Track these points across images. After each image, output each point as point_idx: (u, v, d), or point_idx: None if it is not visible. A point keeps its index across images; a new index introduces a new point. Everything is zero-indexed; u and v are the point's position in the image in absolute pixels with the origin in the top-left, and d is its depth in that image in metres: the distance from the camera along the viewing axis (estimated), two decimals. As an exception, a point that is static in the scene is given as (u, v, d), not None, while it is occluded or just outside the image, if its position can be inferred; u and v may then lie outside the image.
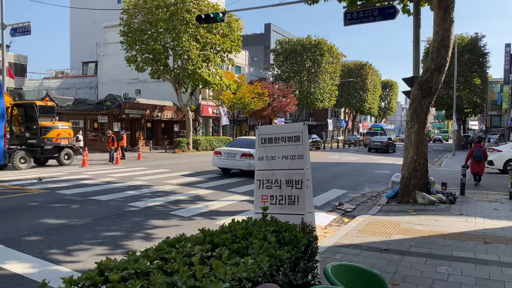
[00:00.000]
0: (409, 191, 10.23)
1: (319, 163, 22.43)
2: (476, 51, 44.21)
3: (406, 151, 10.46)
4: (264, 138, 4.30)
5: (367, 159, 26.87)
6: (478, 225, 7.67)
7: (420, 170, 10.23)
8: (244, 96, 35.21)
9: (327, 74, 49.25)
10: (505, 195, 11.43)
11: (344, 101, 63.56)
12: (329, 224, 8.42)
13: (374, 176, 16.36)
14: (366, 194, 12.09)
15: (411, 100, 10.41)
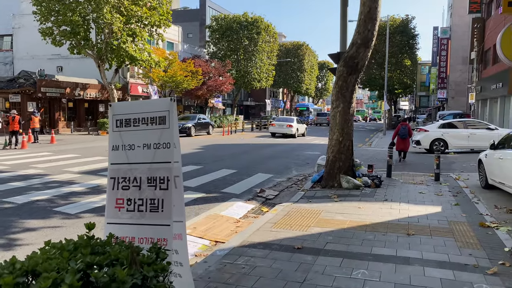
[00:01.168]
0: (334, 175, 9.59)
1: (251, 145, 21.59)
2: (406, 32, 45.39)
3: (331, 132, 9.76)
4: (120, 120, 3.14)
5: (301, 140, 26.49)
6: (402, 212, 7.10)
7: (345, 152, 9.59)
8: (176, 74, 33.39)
9: (264, 53, 48.37)
10: (431, 176, 11.20)
11: (282, 81, 63.31)
12: (245, 215, 7.49)
13: (304, 158, 15.77)
14: (292, 178, 11.35)
15: (336, 77, 9.67)
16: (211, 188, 9.40)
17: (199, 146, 19.53)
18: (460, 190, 9.19)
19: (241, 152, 17.29)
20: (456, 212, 7.09)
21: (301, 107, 63.52)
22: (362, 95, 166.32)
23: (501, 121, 22.18)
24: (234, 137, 27.97)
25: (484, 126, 17.34)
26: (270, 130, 28.61)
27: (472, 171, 12.36)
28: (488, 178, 8.85)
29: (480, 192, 8.97)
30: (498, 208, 7.40)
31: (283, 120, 29.26)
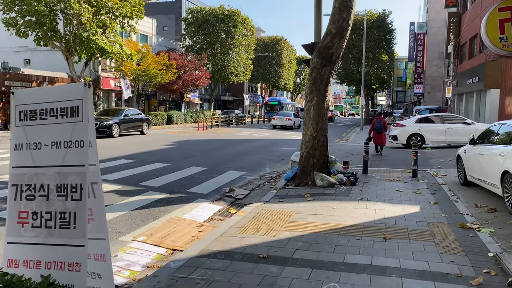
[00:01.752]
0: (308, 172, 9.07)
1: (225, 140, 20.96)
2: (383, 27, 45.37)
3: (305, 127, 9.23)
4: (24, 111, 2.47)
5: (278, 135, 26.01)
6: (378, 212, 6.62)
7: (320, 148, 9.08)
8: (150, 67, 32.37)
9: (242, 47, 47.63)
10: (408, 173, 10.84)
11: (261, 76, 62.77)
12: (210, 218, 6.88)
13: (280, 154, 15.24)
14: (265, 176, 10.78)
15: (310, 69, 9.13)
16: (176, 188, 8.74)
17: (171, 142, 18.78)
18: (439, 187, 8.81)
19: (214, 148, 16.64)
20: (435, 212, 6.65)
21: (272, 102, 56.64)
22: (340, 91, 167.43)
23: (477, 116, 22.18)
24: (209, 132, 27.26)
25: (461, 120, 17.17)
26: (272, 123, 34.56)
27: (450, 167, 12.07)
28: (467, 175, 8.49)
29: (459, 189, 8.60)
30: (478, 206, 7.01)
31: (282, 114, 36.27)
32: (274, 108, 52.84)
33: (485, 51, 20.58)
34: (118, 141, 18.96)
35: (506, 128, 7.04)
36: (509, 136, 6.73)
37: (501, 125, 7.27)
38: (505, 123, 7.17)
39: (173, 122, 35.74)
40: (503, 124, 7.20)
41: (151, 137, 22.17)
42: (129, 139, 20.28)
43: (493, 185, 7.00)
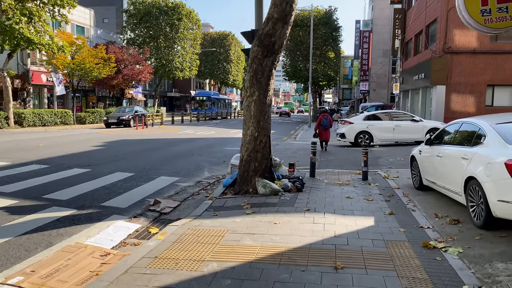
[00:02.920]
0: (249, 178, 7.89)
1: (165, 140, 19.37)
2: (330, 24, 45.32)
3: (245, 126, 8.03)
4: None
5: (224, 133, 24.74)
6: (328, 228, 5.55)
7: (262, 150, 7.92)
8: (85, 61, 29.89)
9: (187, 41, 45.78)
10: (358, 174, 9.99)
11: (208, 72, 61.20)
12: (122, 242, 5.49)
13: (222, 155, 13.97)
14: (201, 182, 9.48)
15: (250, 59, 7.93)
16: (88, 201, 7.23)
17: (101, 143, 16.94)
18: (392, 192, 7.95)
19: (150, 149, 15.07)
20: (392, 225, 5.69)
21: (200, 96, 47.77)
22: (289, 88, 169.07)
23: (423, 112, 22.14)
24: (149, 131, 25.42)
25: (409, 117, 16.77)
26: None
27: (400, 167, 11.40)
28: (423, 178, 7.68)
29: (414, 194, 7.78)
30: (439, 217, 6.14)
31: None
32: (203, 104, 46.31)
33: (431, 47, 20.48)
34: (40, 142, 16.81)
35: (468, 126, 6.23)
36: (472, 136, 5.89)
37: (461, 123, 6.45)
38: (466, 121, 6.36)
39: (112, 120, 33.30)
40: (464, 122, 6.39)
41: (81, 136, 20.12)
42: (54, 140, 18.16)
43: (454, 192, 6.16)
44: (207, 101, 46.47)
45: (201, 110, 44.52)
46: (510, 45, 18.87)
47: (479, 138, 5.70)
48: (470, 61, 19.06)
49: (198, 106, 46.54)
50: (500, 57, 18.87)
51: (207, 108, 45.43)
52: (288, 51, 45.99)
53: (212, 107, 46.52)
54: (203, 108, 45.21)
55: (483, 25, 8.10)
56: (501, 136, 5.22)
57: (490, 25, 8.10)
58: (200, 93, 49.83)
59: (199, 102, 46.90)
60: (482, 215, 5.28)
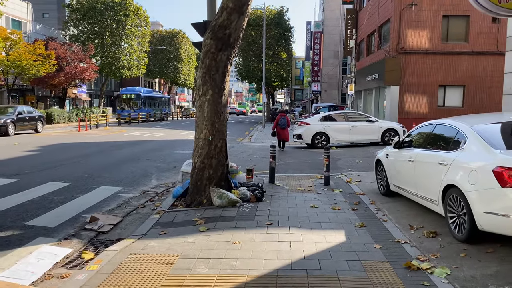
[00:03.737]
0: (203, 188, 7.01)
1: (109, 143, 17.94)
2: (281, 24, 45.19)
3: (197, 129, 7.14)
4: None
5: (175, 135, 23.54)
6: (295, 247, 4.81)
7: (217, 156, 7.07)
8: (21, 57, 27.50)
9: (135, 39, 43.79)
10: (319, 179, 9.40)
11: (158, 71, 59.16)
12: (46, 274, 4.43)
13: (172, 160, 12.93)
14: (148, 192, 8.46)
15: (202, 54, 7.06)
16: (9, 220, 6.04)
17: (36, 147, 15.31)
18: (358, 199, 7.37)
19: (91, 154, 13.72)
20: (365, 241, 5.05)
21: (128, 94, 39.64)
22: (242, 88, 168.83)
23: (376, 113, 22.18)
24: (93, 133, 23.67)
25: (365, 118, 16.55)
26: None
27: (361, 170, 10.97)
28: (391, 184, 7.15)
29: (382, 201, 7.24)
30: (414, 228, 5.58)
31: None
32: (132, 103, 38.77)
33: (384, 48, 20.51)
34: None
35: (443, 129, 5.72)
36: (450, 139, 5.38)
37: (435, 125, 5.95)
38: (441, 123, 5.86)
39: (54, 121, 30.98)
40: (438, 124, 5.89)
41: (15, 139, 18.22)
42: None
43: (430, 201, 5.63)
44: (136, 100, 39.01)
45: (128, 110, 37.63)
46: (460, 46, 19.27)
47: (458, 141, 5.18)
48: (423, 61, 19.25)
49: (125, 106, 39.15)
50: (450, 58, 19.20)
51: (136, 108, 38.40)
52: (240, 50, 45.34)
53: (143, 107, 39.26)
54: (132, 108, 38.37)
55: (497, 5, 7.49)
56: (485, 140, 4.71)
57: (504, 5, 7.49)
58: (127, 90, 41.11)
59: (126, 101, 39.32)
60: (465, 227, 4.75)
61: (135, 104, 38.84)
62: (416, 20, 18.86)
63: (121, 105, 39.41)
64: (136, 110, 38.11)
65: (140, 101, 39.16)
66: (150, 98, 42.37)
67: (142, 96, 39.65)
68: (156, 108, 43.50)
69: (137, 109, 38.53)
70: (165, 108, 47.46)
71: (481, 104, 19.23)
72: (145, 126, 31.68)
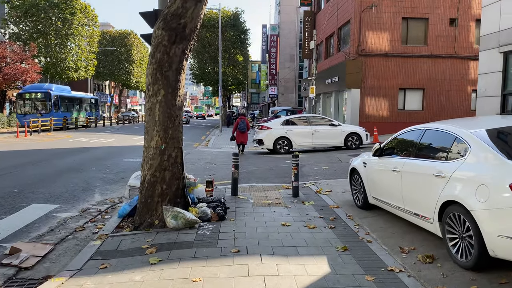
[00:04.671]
0: (154, 206, 5.90)
1: (50, 151, 16.21)
2: (237, 26, 44.36)
3: (147, 136, 6.03)
4: None
5: (125, 140, 21.96)
6: (271, 285, 3.86)
7: (171, 167, 5.99)
8: (-49, 56, 24.82)
9: (82, 39, 41.31)
10: (286, 188, 8.57)
11: (108, 73, 56.46)
12: None
13: (121, 169, 11.62)
14: (90, 210, 7.19)
15: (152, 47, 5.97)
16: None
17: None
18: (333, 213, 6.55)
19: (27, 164, 12.09)
20: (354, 271, 4.19)
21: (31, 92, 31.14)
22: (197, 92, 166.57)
23: (336, 116, 21.77)
24: (34, 139, 21.57)
25: (327, 122, 15.94)
26: None
27: (328, 177, 10.25)
28: (369, 196, 6.38)
29: (360, 215, 6.45)
30: (405, 251, 4.79)
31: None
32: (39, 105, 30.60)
33: (344, 50, 20.12)
34: None
35: (435, 135, 4.99)
36: (447, 147, 4.64)
37: (424, 130, 5.21)
38: (431, 128, 5.12)
39: (-10, 126, 28.21)
40: (428, 129, 5.15)
41: None
42: None
43: (422, 218, 4.86)
44: (44, 100, 30.57)
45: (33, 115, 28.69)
46: (419, 48, 19.20)
47: (457, 150, 4.45)
48: (383, 64, 19.01)
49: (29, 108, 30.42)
50: (410, 61, 19.10)
51: (45, 111, 29.97)
52: (195, 52, 44.04)
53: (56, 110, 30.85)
54: (39, 112, 29.82)
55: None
56: (493, 148, 3.98)
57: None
58: (31, 88, 31.66)
59: (30, 102, 30.69)
60: (471, 252, 4.00)
61: (43, 106, 30.45)
62: (376, 22, 18.61)
63: (22, 108, 30.36)
64: (44, 114, 29.48)
65: (50, 102, 30.48)
66: (66, 98, 34.02)
67: (53, 95, 31.01)
68: (77, 111, 35.69)
69: (46, 112, 29.96)
70: (91, 112, 39.89)
71: (441, 107, 19.26)
72: (93, 131, 29.67)
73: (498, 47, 8.38)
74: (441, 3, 18.77)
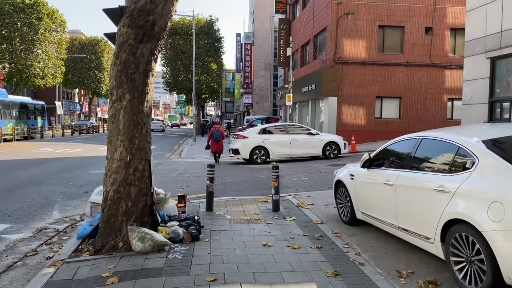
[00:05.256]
0: (118, 226, 5.19)
1: (9, 162, 15.09)
2: (211, 34, 43.81)
3: (110, 146, 5.33)
4: None
5: (93, 150, 20.87)
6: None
7: (138, 182, 5.30)
8: None
9: (50, 45, 39.76)
10: (265, 202, 7.99)
11: (77, 80, 54.68)
12: None
13: (85, 182, 10.74)
14: (46, 230, 6.38)
15: (117, 47, 5.29)
16: None
17: None
18: (318, 230, 5.99)
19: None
20: (349, 302, 3.61)
21: None
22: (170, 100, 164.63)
23: (313, 125, 21.40)
24: (-5, 149, 20.28)
25: (305, 131, 15.47)
26: None
27: (309, 189, 9.73)
28: (357, 211, 5.87)
29: (348, 232, 5.91)
30: (403, 276, 4.26)
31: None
32: None
33: (320, 58, 19.83)
34: None
35: (433, 144, 4.51)
36: (449, 158, 4.16)
37: (420, 139, 4.73)
38: (428, 137, 4.65)
39: None
40: (425, 139, 4.67)
41: None
42: None
43: (420, 237, 4.36)
44: None
45: None
46: (396, 57, 19.11)
47: (462, 161, 3.97)
48: (360, 72, 18.80)
49: None
50: (387, 69, 18.97)
51: None
52: (168, 60, 43.18)
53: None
54: None
55: None
56: (507, 160, 3.51)
57: None
58: None
59: None
60: (482, 279, 3.50)
61: None
62: (353, 29, 18.42)
63: None
64: None
65: None
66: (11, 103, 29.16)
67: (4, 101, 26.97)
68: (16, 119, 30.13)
69: None
70: (35, 121, 34.33)
71: (417, 116, 19.18)
72: (59, 141, 28.32)
73: (485, 53, 8.11)
74: (417, 12, 18.79)
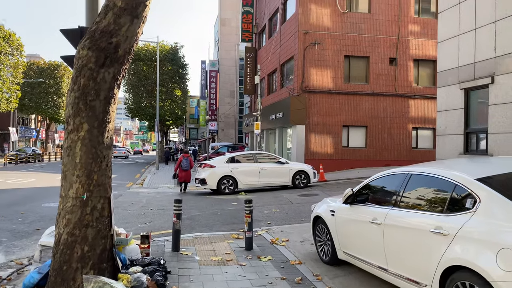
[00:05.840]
0: (72, 274, 4.50)
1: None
2: (176, 61, 43.47)
3: (65, 182, 4.70)
4: None
5: (49, 180, 19.57)
6: None
7: (96, 223, 4.65)
8: None
9: (5, 69, 37.99)
10: (236, 238, 7.46)
11: (34, 106, 52.44)
12: None
13: (37, 217, 9.78)
14: (-16, 278, 5.53)
15: (75, 71, 4.72)
16: None
17: None
18: (297, 272, 5.50)
19: None
20: None
21: None
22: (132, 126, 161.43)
23: (280, 153, 21.14)
24: None
25: (274, 159, 15.10)
26: None
27: (281, 222, 9.26)
28: (338, 250, 5.43)
29: (329, 274, 5.44)
30: (398, 328, 3.82)
31: None
32: None
33: (288, 86, 19.79)
34: None
35: (424, 180, 4.19)
36: (444, 196, 3.82)
37: (409, 175, 4.39)
38: (418, 172, 4.33)
39: None
40: (414, 174, 4.34)
41: None
42: None
43: (414, 284, 3.95)
44: None
45: None
46: (361, 86, 19.32)
47: (460, 200, 3.64)
48: (327, 101, 18.84)
49: None
50: (353, 98, 19.12)
51: None
52: (130, 86, 42.26)
53: None
54: None
55: None
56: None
57: None
58: None
59: None
60: (491, 334, 3.10)
61: None
62: (319, 59, 18.54)
63: None
64: None
65: None
66: None
67: None
68: None
69: None
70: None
71: (383, 145, 19.33)
72: (13, 170, 26.59)
73: (458, 83, 8.11)
74: (381, 43, 19.22)
